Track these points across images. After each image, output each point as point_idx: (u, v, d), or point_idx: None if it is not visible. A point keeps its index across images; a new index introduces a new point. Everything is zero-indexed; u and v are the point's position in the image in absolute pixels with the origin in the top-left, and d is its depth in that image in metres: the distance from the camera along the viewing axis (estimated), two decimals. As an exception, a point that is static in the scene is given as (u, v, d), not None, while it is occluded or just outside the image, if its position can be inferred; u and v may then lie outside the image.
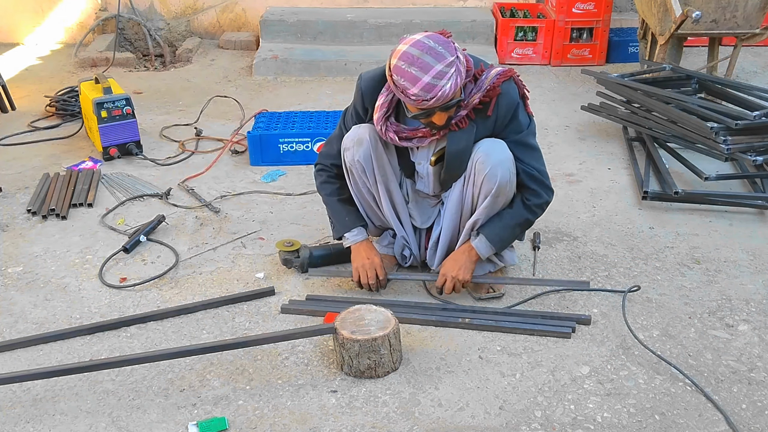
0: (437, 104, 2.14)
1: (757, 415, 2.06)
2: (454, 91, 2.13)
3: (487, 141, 2.35)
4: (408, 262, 2.69)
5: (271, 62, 5.08)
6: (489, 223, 2.43)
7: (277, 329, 2.42)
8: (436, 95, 2.10)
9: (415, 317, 2.43)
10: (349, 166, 2.47)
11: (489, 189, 2.35)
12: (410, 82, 2.11)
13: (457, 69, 2.13)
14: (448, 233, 2.54)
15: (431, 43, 2.12)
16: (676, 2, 3.87)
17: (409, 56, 2.11)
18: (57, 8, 5.81)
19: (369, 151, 2.42)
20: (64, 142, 3.97)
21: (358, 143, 2.42)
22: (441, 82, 2.10)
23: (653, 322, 2.46)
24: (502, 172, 2.32)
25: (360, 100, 2.45)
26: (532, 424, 2.03)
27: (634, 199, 3.31)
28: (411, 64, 2.10)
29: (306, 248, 2.71)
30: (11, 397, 2.15)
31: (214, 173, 3.59)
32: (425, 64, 2.09)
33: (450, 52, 2.12)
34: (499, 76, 2.28)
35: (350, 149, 2.44)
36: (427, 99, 2.11)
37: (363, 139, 2.41)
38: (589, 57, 5.28)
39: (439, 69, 2.09)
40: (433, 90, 2.10)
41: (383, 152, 2.46)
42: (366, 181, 2.49)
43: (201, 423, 2.02)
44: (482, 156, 2.33)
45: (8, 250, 2.93)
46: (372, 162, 2.44)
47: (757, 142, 3.25)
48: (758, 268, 2.76)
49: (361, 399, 2.13)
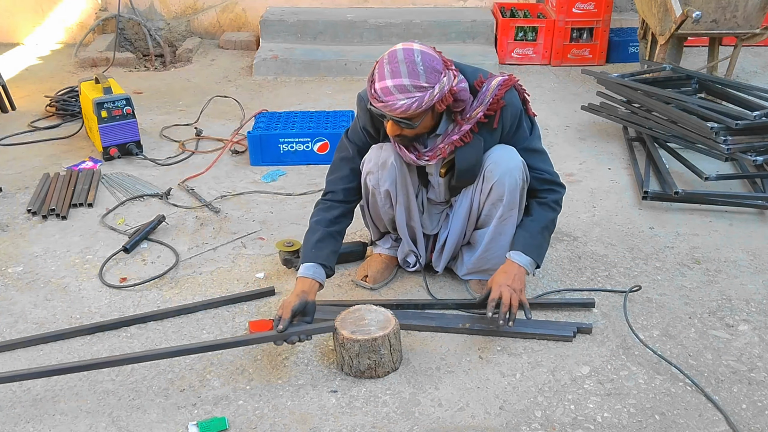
0: (384, 111, 2.13)
1: (757, 415, 2.06)
2: (404, 111, 2.10)
3: (497, 148, 2.35)
4: (412, 267, 2.68)
5: (271, 62, 5.08)
6: (516, 237, 2.39)
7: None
8: (386, 103, 2.10)
9: (415, 323, 2.42)
10: (372, 190, 2.44)
11: (498, 195, 2.35)
12: (378, 77, 2.11)
13: (421, 97, 2.08)
14: (454, 237, 2.54)
15: (417, 59, 2.09)
16: (676, 2, 3.87)
17: (393, 55, 2.11)
18: (57, 8, 5.81)
19: (395, 174, 2.39)
20: (64, 142, 3.97)
21: (382, 167, 2.38)
22: (398, 95, 2.08)
23: (653, 322, 2.46)
24: (510, 180, 2.32)
25: (369, 121, 2.39)
26: (532, 424, 2.03)
27: (634, 199, 3.31)
28: (389, 63, 2.11)
29: None
30: (11, 397, 2.15)
31: (214, 173, 3.59)
32: (397, 70, 2.08)
33: (429, 80, 2.09)
34: (501, 86, 2.26)
35: (374, 173, 2.40)
36: (378, 99, 2.11)
37: (387, 162, 2.38)
38: (589, 57, 5.29)
39: (404, 84, 2.08)
40: (387, 97, 2.09)
41: (407, 173, 2.43)
42: (387, 205, 2.48)
43: (201, 423, 2.02)
44: (492, 164, 2.33)
45: (8, 250, 2.93)
46: (396, 186, 2.42)
47: (757, 142, 3.25)
48: (758, 268, 2.76)
49: (361, 399, 2.13)
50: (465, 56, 4.87)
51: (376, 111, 2.18)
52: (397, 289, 2.65)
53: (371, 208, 2.54)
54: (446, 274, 2.71)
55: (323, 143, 3.64)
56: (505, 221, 2.42)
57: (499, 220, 2.42)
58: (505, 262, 2.36)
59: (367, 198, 2.51)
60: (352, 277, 2.70)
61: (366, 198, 2.51)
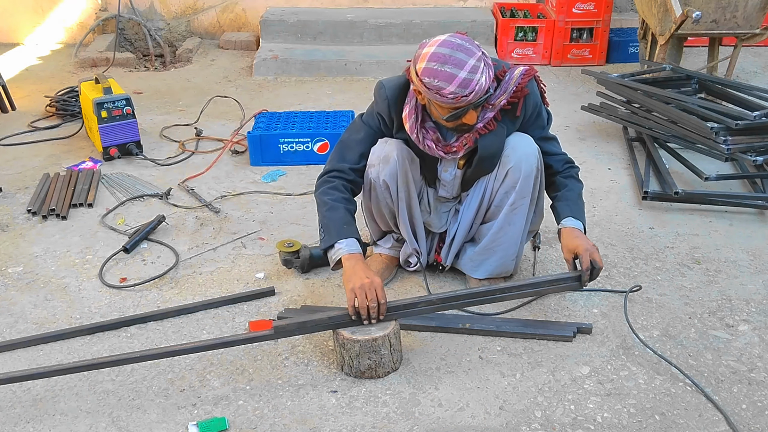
0: (474, 99, 2.12)
1: (757, 415, 2.06)
2: (488, 84, 2.14)
3: (515, 135, 2.38)
4: (412, 267, 2.68)
5: (271, 62, 5.08)
6: (561, 208, 2.41)
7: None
8: (474, 89, 2.09)
9: (415, 323, 2.42)
10: (373, 183, 2.44)
11: (513, 182, 2.37)
12: (446, 81, 2.08)
13: (486, 63, 2.13)
14: (463, 230, 2.55)
15: (458, 41, 2.12)
16: (676, 2, 3.87)
17: (440, 56, 2.09)
18: (57, 8, 5.81)
19: (395, 169, 2.39)
20: (64, 142, 3.97)
21: (384, 161, 2.39)
22: (476, 77, 2.09)
23: (653, 322, 2.46)
24: (526, 166, 2.35)
25: (386, 109, 2.36)
26: (532, 425, 2.03)
27: (634, 199, 3.31)
28: (444, 63, 2.08)
29: (306, 248, 2.71)
30: (11, 397, 2.15)
31: (214, 173, 3.58)
32: (459, 60, 2.08)
33: (476, 48, 2.13)
34: (524, 75, 2.29)
35: (375, 166, 2.40)
36: (465, 95, 2.09)
37: (390, 157, 2.38)
38: (589, 57, 5.29)
39: (473, 64, 2.09)
40: (470, 85, 2.09)
41: (408, 169, 2.43)
42: (387, 198, 2.47)
43: (201, 423, 2.02)
44: (509, 149, 2.37)
45: (8, 250, 2.93)
46: (396, 180, 2.42)
47: (757, 142, 3.25)
48: (758, 268, 2.76)
49: (361, 399, 2.13)
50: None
51: (460, 113, 2.15)
52: (397, 289, 2.65)
53: (372, 203, 2.52)
54: (447, 274, 2.71)
55: (323, 143, 3.64)
56: (516, 210, 2.43)
57: (510, 208, 2.43)
58: (561, 233, 2.35)
59: (368, 193, 2.49)
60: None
61: (367, 192, 2.50)
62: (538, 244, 2.87)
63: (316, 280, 2.70)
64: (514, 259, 2.57)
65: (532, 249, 2.86)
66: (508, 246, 2.52)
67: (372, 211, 2.57)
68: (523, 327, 2.39)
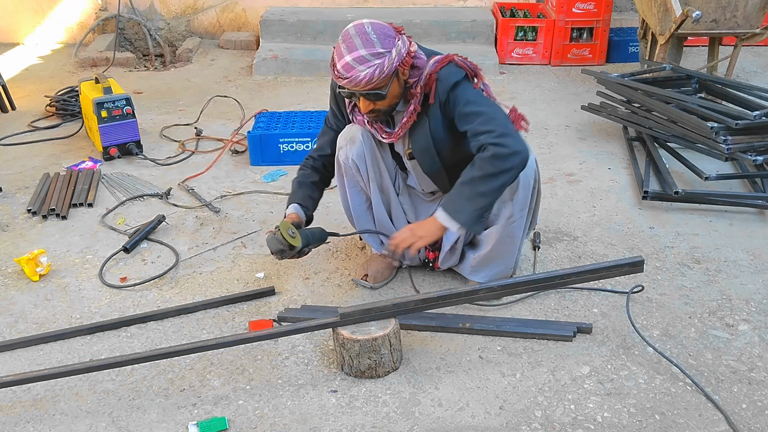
0: (350, 87, 2.18)
1: (757, 414, 2.06)
2: (369, 81, 2.15)
3: None
4: (406, 261, 2.67)
5: (271, 62, 5.08)
6: (445, 197, 2.32)
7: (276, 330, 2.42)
8: (350, 77, 2.15)
9: (415, 323, 2.42)
10: (343, 165, 2.48)
11: (510, 192, 2.34)
12: (337, 58, 2.17)
13: (382, 63, 2.14)
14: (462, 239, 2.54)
15: (368, 30, 2.17)
16: (676, 2, 3.88)
17: (346, 34, 2.19)
18: (57, 8, 5.81)
19: (362, 149, 2.44)
20: (64, 142, 3.97)
21: (351, 141, 2.44)
22: (359, 67, 2.13)
23: (653, 321, 2.46)
24: (524, 178, 2.32)
25: (333, 99, 2.51)
26: (533, 424, 2.03)
27: (634, 198, 3.31)
28: (343, 41, 2.17)
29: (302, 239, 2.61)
30: (11, 397, 2.15)
31: (214, 173, 3.59)
32: (352, 45, 2.15)
33: (384, 45, 2.15)
34: (437, 63, 2.29)
35: (344, 147, 2.46)
36: (343, 77, 2.16)
37: (356, 137, 2.44)
38: (589, 57, 5.29)
39: (362, 54, 2.13)
40: (350, 72, 2.14)
41: (376, 150, 2.48)
42: (360, 180, 2.50)
43: (201, 423, 2.02)
44: None
45: (8, 250, 2.93)
46: (365, 160, 2.45)
47: (757, 141, 3.24)
48: (758, 268, 2.76)
49: (361, 399, 2.13)
50: (465, 56, 4.86)
51: (345, 93, 2.24)
52: (397, 288, 2.65)
53: (349, 188, 2.52)
54: (447, 273, 2.71)
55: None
56: (513, 223, 2.41)
57: (507, 221, 2.41)
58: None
59: (341, 179, 2.52)
60: (353, 277, 2.70)
61: (340, 179, 2.52)
62: (538, 244, 2.87)
63: (316, 280, 2.70)
64: (512, 266, 2.58)
65: (532, 249, 2.86)
66: (509, 258, 2.52)
67: (349, 198, 2.55)
68: (524, 326, 2.39)
